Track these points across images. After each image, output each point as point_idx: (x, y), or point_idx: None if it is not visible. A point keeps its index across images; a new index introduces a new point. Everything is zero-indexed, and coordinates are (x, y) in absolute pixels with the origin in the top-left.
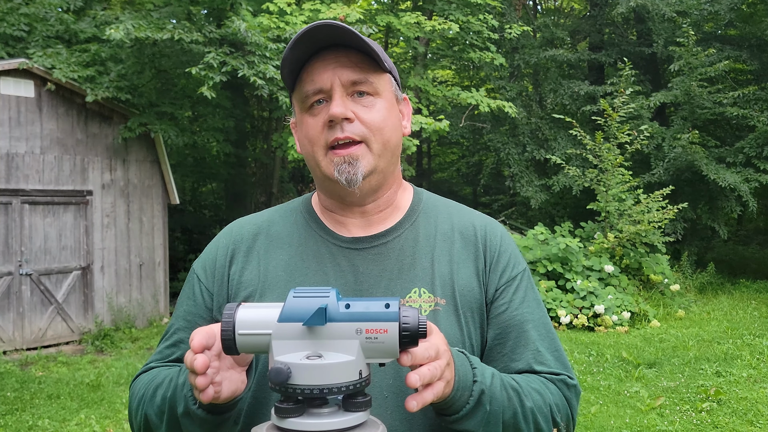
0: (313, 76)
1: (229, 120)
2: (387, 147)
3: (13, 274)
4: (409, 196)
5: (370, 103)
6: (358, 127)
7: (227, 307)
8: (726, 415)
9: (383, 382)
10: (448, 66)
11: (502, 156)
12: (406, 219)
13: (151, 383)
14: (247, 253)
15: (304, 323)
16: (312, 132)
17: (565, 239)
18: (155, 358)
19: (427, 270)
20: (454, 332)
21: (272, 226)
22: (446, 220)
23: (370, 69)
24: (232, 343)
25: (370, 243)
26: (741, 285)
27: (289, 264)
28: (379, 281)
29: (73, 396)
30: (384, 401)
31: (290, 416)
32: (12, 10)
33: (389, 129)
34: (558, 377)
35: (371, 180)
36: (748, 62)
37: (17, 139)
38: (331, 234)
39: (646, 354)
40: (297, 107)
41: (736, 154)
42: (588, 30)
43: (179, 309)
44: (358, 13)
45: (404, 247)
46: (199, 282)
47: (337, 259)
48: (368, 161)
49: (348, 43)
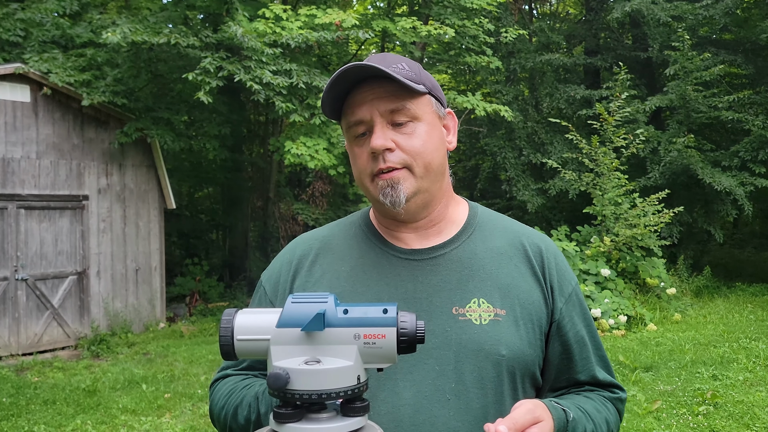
0: (354, 108)
1: (225, 125)
2: (429, 169)
3: (8, 279)
4: (464, 210)
5: (410, 129)
6: (399, 155)
7: (226, 312)
8: (722, 418)
9: (446, 386)
10: (445, 70)
11: (498, 160)
12: (463, 232)
13: (231, 397)
14: (310, 267)
15: (303, 328)
16: (360, 162)
17: (561, 243)
18: (230, 363)
19: (486, 281)
20: (514, 342)
21: (333, 239)
22: (502, 234)
23: (406, 95)
24: (231, 348)
25: (428, 254)
26: (737, 288)
27: (351, 275)
28: (439, 291)
29: (69, 401)
30: (446, 403)
31: (289, 421)
32: (8, 15)
33: (430, 151)
34: (614, 396)
35: (417, 200)
36: (743, 66)
37: (13, 144)
38: (390, 246)
39: (642, 358)
40: (346, 136)
41: (732, 158)
42: (584, 34)
43: None
44: (354, 19)
45: (462, 259)
46: (265, 294)
47: (396, 269)
48: (410, 183)
49: (381, 74)
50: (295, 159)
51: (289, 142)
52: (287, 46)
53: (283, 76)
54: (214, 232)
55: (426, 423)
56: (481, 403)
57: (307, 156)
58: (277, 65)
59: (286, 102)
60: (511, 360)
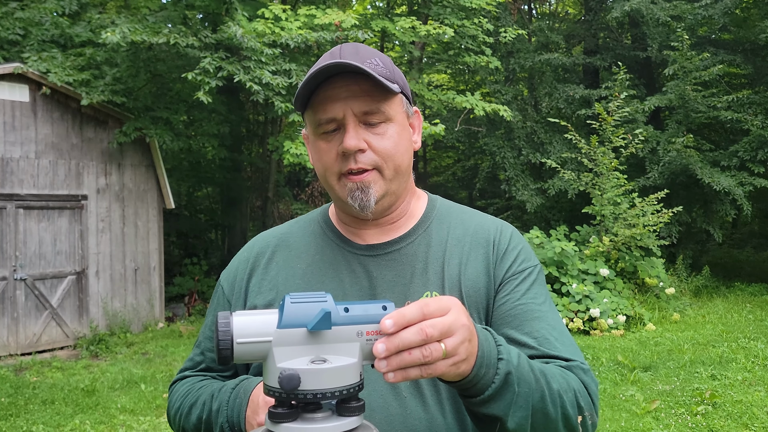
0: (326, 105)
1: (224, 124)
2: (399, 171)
3: (7, 279)
4: (423, 204)
5: (382, 130)
6: (371, 156)
7: (221, 315)
8: (721, 418)
9: (402, 384)
10: (444, 70)
11: (497, 160)
12: (420, 225)
13: (186, 397)
14: (266, 264)
15: (311, 328)
16: (326, 159)
17: (560, 243)
18: (189, 365)
19: (438, 273)
20: None
21: (291, 236)
22: (459, 224)
23: (381, 96)
24: (230, 352)
25: (384, 249)
26: (736, 288)
27: (306, 273)
28: (393, 286)
29: (68, 401)
30: (403, 401)
31: (284, 421)
32: (7, 15)
33: (401, 153)
34: (572, 363)
35: (383, 202)
36: (742, 66)
37: (12, 144)
38: (347, 242)
39: (641, 357)
40: (309, 127)
41: (731, 158)
42: (583, 34)
43: (207, 318)
44: (353, 19)
45: (417, 253)
46: (222, 293)
47: (352, 266)
48: (380, 186)
49: (359, 71)
50: (294, 159)
51: (288, 142)
52: (286, 46)
53: (282, 76)
54: (213, 232)
55: (383, 422)
56: (436, 399)
57: (306, 156)
58: (277, 65)
59: (285, 102)
60: None
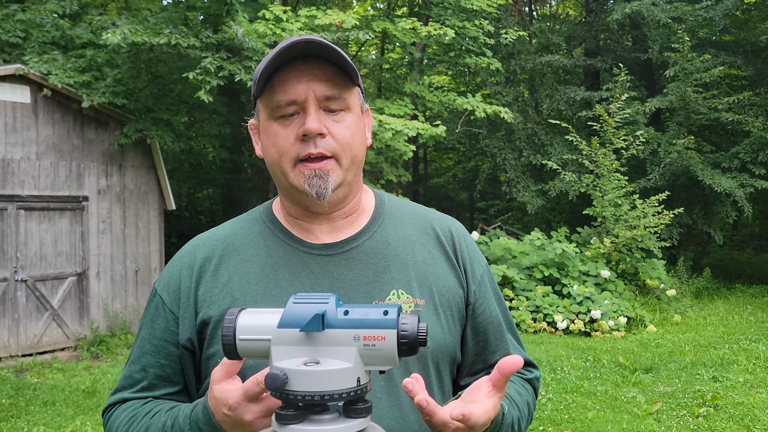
0: (287, 86)
1: (225, 126)
2: (355, 161)
3: (8, 280)
4: (371, 199)
5: (341, 118)
6: (330, 142)
7: (229, 312)
8: (723, 420)
9: (375, 384)
10: (444, 71)
11: (498, 161)
12: (373, 222)
13: (132, 425)
14: (215, 271)
15: (301, 329)
16: (282, 143)
17: (561, 244)
18: (126, 384)
19: (402, 271)
20: (436, 331)
21: (236, 239)
22: (412, 221)
23: (343, 84)
24: (233, 348)
25: (340, 248)
26: (737, 290)
27: (261, 276)
28: (356, 286)
29: (69, 402)
30: (378, 402)
31: (291, 423)
32: (8, 17)
33: (357, 144)
34: (531, 376)
35: (339, 193)
36: (742, 68)
37: (13, 145)
38: (299, 242)
39: (642, 359)
40: (264, 113)
41: (732, 160)
42: (583, 36)
43: (144, 330)
44: (354, 19)
45: (376, 250)
46: (162, 303)
47: (309, 267)
48: (337, 175)
49: (322, 55)
50: None
51: None
52: None
53: None
54: None
55: None
56: (409, 399)
57: None
58: None
59: None
60: (435, 351)
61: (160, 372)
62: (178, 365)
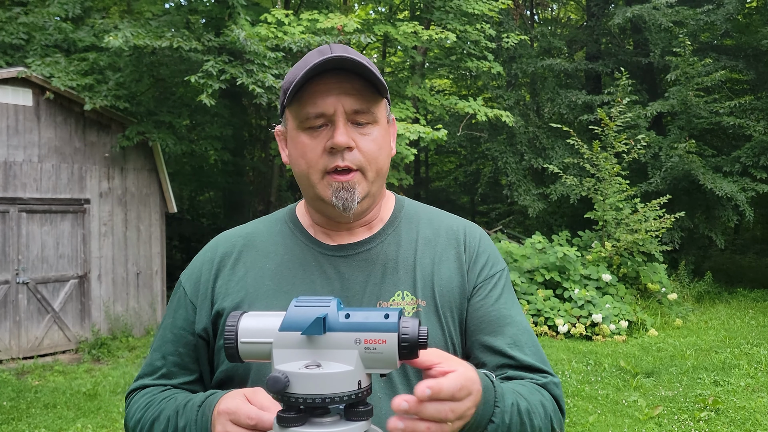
0: (316, 99)
1: (227, 128)
2: (380, 174)
3: (9, 283)
4: (391, 205)
5: (368, 131)
6: (357, 156)
7: (231, 315)
8: (724, 424)
9: (376, 386)
10: (446, 75)
11: (499, 165)
12: (389, 225)
13: (147, 410)
14: (233, 265)
15: (303, 332)
16: (310, 154)
17: (562, 248)
18: (147, 371)
19: (409, 273)
20: (435, 332)
21: (258, 236)
22: (428, 224)
23: (371, 97)
24: (235, 350)
25: (354, 250)
26: (738, 294)
27: (275, 273)
28: (365, 286)
29: (70, 405)
30: (378, 403)
31: (292, 425)
32: (10, 20)
33: (383, 157)
34: (546, 380)
35: (363, 204)
36: (744, 72)
37: (15, 148)
38: (316, 242)
39: (643, 363)
40: (292, 122)
41: (733, 164)
42: (585, 40)
43: (167, 319)
44: (355, 23)
45: (387, 252)
46: (185, 294)
47: (322, 267)
48: (363, 188)
49: (351, 68)
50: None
51: None
52: (289, 50)
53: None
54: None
55: None
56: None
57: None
58: (279, 69)
59: None
60: None
61: (178, 360)
62: (195, 354)
